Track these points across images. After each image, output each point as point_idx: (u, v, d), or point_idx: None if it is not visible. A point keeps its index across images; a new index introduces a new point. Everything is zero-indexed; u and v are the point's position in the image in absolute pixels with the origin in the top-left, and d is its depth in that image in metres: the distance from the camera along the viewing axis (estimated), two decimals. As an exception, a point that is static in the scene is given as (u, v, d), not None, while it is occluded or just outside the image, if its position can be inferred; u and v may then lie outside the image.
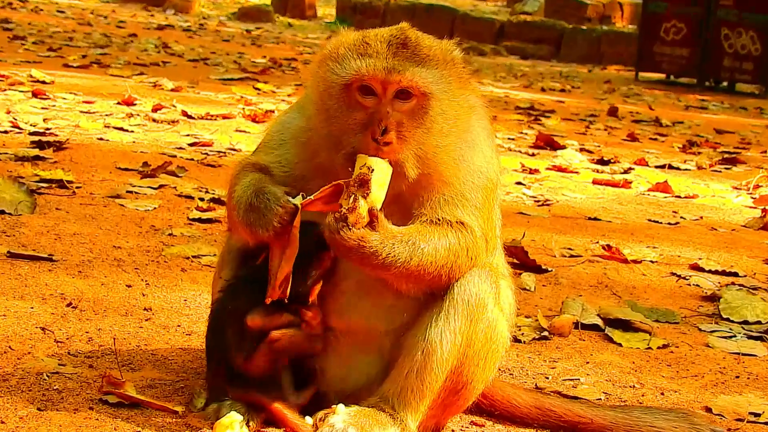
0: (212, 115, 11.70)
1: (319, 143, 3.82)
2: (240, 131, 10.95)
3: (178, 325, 4.98)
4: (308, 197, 3.64)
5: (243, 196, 3.76)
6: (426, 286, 3.79)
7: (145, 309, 5.14)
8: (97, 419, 3.78)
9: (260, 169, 3.92)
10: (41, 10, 26.87)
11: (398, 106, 3.69)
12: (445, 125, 3.75)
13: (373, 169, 3.58)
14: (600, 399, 4.61)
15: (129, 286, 5.45)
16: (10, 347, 4.41)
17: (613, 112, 16.97)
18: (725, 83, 24.06)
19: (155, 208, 7.14)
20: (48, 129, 9.63)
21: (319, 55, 3.88)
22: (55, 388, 4.03)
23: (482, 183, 3.87)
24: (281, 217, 3.64)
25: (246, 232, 3.75)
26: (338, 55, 3.76)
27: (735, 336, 5.69)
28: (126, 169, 8.23)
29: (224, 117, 11.75)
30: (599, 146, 12.89)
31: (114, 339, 4.63)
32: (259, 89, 14.95)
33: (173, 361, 4.49)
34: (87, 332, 4.72)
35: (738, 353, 5.42)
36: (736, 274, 6.98)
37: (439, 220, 3.78)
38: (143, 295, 5.35)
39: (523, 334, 5.36)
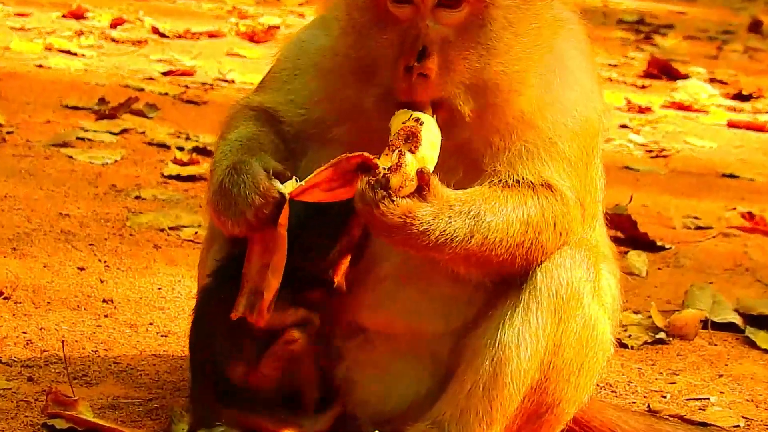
0: (194, 33, 11.72)
1: (348, 72, 3.80)
2: (232, 55, 10.98)
3: (150, 323, 5.00)
4: (300, 183, 3.60)
5: (218, 167, 3.75)
6: (495, 271, 3.79)
7: (104, 301, 5.16)
8: (40, 451, 3.83)
9: (262, 115, 3.94)
10: None
11: (443, 17, 3.64)
12: (516, 44, 3.70)
13: (422, 122, 3.55)
14: (738, 426, 4.61)
15: (81, 270, 5.48)
16: None
17: (755, 27, 16.85)
18: None
19: (116, 160, 7.17)
20: (-33, 53, 9.72)
21: None
22: (-18, 409, 4.06)
23: (578, 126, 3.84)
24: (258, 210, 3.62)
25: (215, 220, 3.76)
26: None
27: None
28: (75, 108, 8.25)
29: (210, 35, 11.78)
30: (736, 75, 12.82)
31: (62, 342, 4.62)
32: (258, -4, 14.97)
33: (144, 373, 4.51)
34: (25, 333, 4.75)
35: None
36: None
37: (517, 181, 3.75)
38: (101, 282, 5.37)
39: (630, 336, 5.36)
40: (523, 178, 3.76)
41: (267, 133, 3.89)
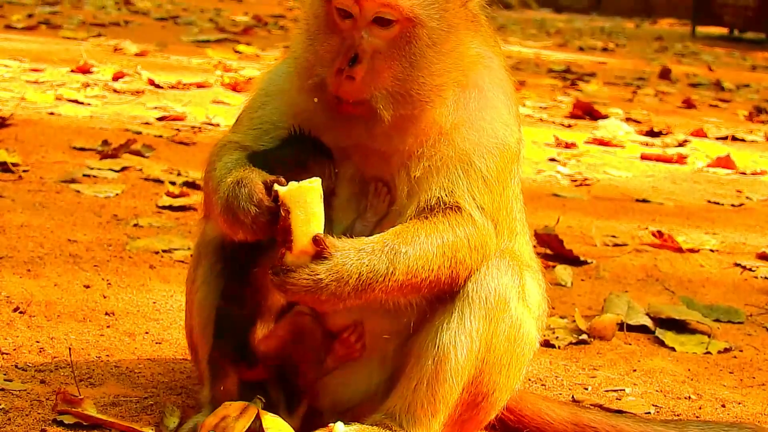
0: (184, 84, 11.71)
1: (297, 73, 3.85)
2: (218, 102, 10.98)
3: (146, 332, 5.00)
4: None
5: (222, 183, 3.74)
6: (428, 293, 3.78)
7: (106, 314, 5.16)
8: (51, 443, 3.80)
9: (242, 149, 3.92)
10: (-21, -39, 26.85)
11: (377, 32, 3.68)
12: (438, 62, 3.72)
13: (288, 210, 3.55)
14: (649, 413, 4.63)
15: (87, 287, 5.47)
16: (-54, 360, 4.46)
17: (665, 74, 16.96)
18: (801, 38, 23.97)
19: (118, 194, 7.15)
20: (-12, 103, 9.67)
21: None
22: (0, 407, 4.04)
23: (495, 148, 3.83)
24: (255, 219, 3.61)
25: (225, 230, 3.74)
26: None
27: (811, 337, 5.70)
28: (82, 149, 8.23)
29: (199, 86, 11.77)
30: (649, 115, 12.89)
31: (70, 349, 4.63)
32: (240, 52, 14.95)
33: (141, 374, 4.50)
34: (38, 342, 4.74)
35: (814, 358, 5.44)
36: (812, 265, 7.01)
37: (430, 208, 3.75)
38: (104, 297, 5.36)
39: (557, 337, 5.38)
40: (436, 200, 3.76)
41: (251, 158, 3.84)
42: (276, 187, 3.60)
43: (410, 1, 3.65)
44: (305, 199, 3.56)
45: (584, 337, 5.44)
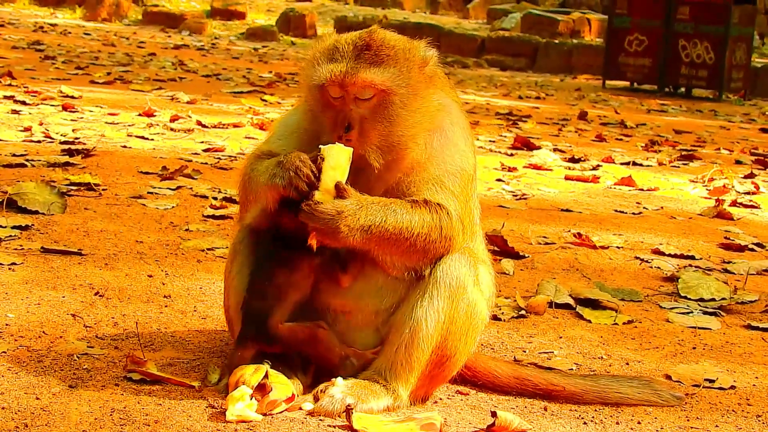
0: (224, 124, 11.67)
1: (306, 137, 3.85)
2: (249, 138, 10.94)
3: (195, 310, 4.99)
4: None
5: (269, 166, 3.71)
6: (406, 258, 3.75)
7: (164, 296, 5.14)
8: (122, 394, 3.79)
9: (271, 155, 3.89)
10: (69, 32, 26.78)
11: (361, 104, 3.69)
12: (409, 117, 3.73)
13: (323, 158, 3.59)
14: (572, 369, 4.62)
15: (150, 276, 5.45)
16: (44, 332, 4.43)
17: (582, 116, 16.97)
18: (683, 89, 24.02)
19: (173, 206, 7.14)
20: (77, 138, 9.61)
21: (307, 56, 3.90)
22: (84, 367, 4.04)
23: (456, 172, 3.84)
24: (298, 170, 3.59)
25: (269, 192, 3.69)
26: (315, 59, 3.79)
27: (692, 312, 5.71)
28: (147, 173, 8.22)
29: (234, 125, 11.71)
30: (571, 146, 12.89)
31: (137, 323, 4.63)
32: (265, 101, 14.91)
33: (190, 342, 4.50)
34: (113, 318, 4.73)
35: (694, 327, 5.44)
36: (692, 257, 7.01)
37: (416, 201, 3.75)
38: (163, 284, 5.35)
39: (503, 313, 5.37)
40: (422, 198, 3.77)
41: None
42: (320, 145, 3.63)
43: (381, 78, 3.66)
44: (336, 155, 3.58)
45: (523, 312, 5.42)
